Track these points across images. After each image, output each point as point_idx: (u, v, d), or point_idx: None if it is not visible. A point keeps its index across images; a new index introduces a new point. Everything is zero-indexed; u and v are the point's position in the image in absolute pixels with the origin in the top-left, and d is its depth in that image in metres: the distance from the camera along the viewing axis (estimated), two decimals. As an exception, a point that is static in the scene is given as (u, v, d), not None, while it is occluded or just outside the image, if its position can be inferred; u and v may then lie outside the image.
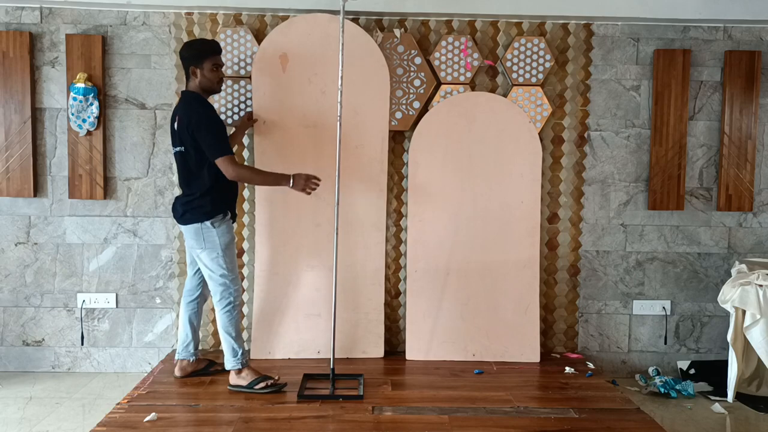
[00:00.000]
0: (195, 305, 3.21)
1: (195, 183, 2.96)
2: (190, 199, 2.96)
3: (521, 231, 3.52)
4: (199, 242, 2.97)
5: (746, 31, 3.63)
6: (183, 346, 3.19)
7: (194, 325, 3.20)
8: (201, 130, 2.87)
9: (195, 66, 2.95)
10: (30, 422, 2.97)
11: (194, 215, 2.95)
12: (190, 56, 2.96)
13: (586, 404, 2.91)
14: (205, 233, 2.95)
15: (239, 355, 3.01)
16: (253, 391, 2.97)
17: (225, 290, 3.00)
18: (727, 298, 3.25)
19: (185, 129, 2.89)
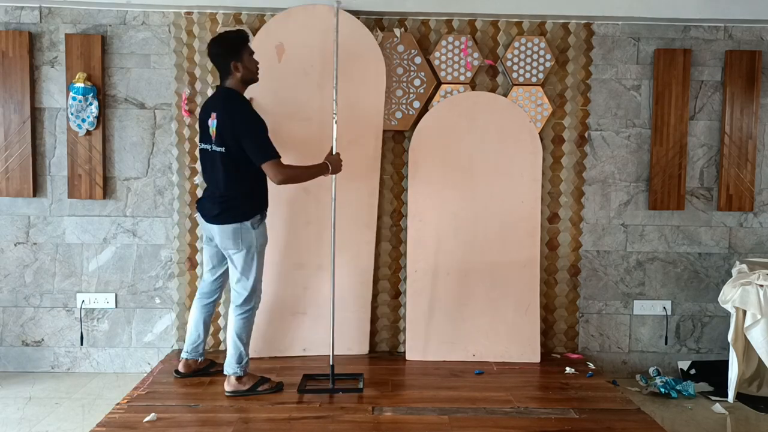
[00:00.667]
0: (212, 307, 3.18)
1: (236, 183, 2.86)
2: (228, 199, 2.86)
3: (521, 231, 3.51)
4: (236, 243, 2.87)
5: (747, 31, 3.62)
6: (193, 347, 3.16)
7: (207, 327, 3.18)
8: (247, 134, 2.80)
9: (236, 60, 2.85)
10: (29, 422, 2.97)
11: (233, 215, 2.85)
12: (227, 52, 2.86)
13: (586, 404, 2.91)
14: (244, 234, 2.87)
15: (244, 362, 2.96)
16: (255, 393, 2.95)
17: (250, 294, 2.94)
18: (728, 298, 3.24)
19: (229, 130, 2.80)
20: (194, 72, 3.52)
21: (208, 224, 2.93)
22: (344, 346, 3.49)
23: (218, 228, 2.87)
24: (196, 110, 3.51)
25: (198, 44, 3.51)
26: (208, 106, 2.93)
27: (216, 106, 2.86)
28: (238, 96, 2.88)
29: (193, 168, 3.55)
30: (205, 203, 2.95)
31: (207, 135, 2.89)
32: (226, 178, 2.85)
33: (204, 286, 3.17)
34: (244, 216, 2.87)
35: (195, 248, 3.58)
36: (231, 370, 2.95)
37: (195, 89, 3.52)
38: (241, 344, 2.95)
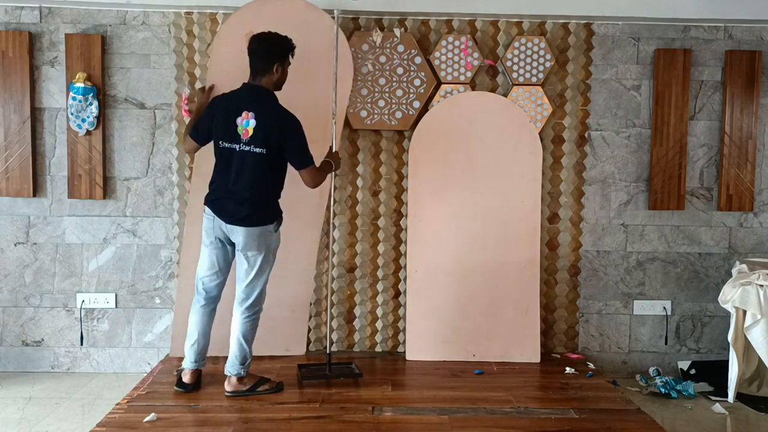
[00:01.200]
0: (215, 312, 3.04)
1: (268, 186, 2.86)
2: (259, 201, 2.83)
3: (521, 231, 3.51)
4: (259, 246, 2.84)
5: (747, 31, 3.62)
6: (200, 355, 3.00)
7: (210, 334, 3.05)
8: (294, 138, 2.81)
9: (281, 63, 2.84)
10: (29, 422, 2.97)
11: (263, 218, 2.84)
12: (278, 52, 2.84)
13: (586, 404, 2.91)
14: (267, 237, 2.86)
15: (247, 363, 2.95)
16: (255, 393, 2.95)
17: (259, 298, 2.93)
18: (728, 298, 3.24)
19: (275, 132, 2.77)
20: (194, 72, 3.52)
21: (229, 225, 2.84)
22: (281, 346, 3.48)
23: (244, 230, 2.81)
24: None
25: (198, 44, 3.51)
26: (236, 103, 2.83)
27: (251, 104, 2.80)
28: (275, 98, 2.86)
29: (192, 168, 3.54)
30: (226, 204, 2.84)
31: (233, 134, 2.80)
32: (260, 179, 2.81)
33: (209, 291, 2.98)
34: (271, 219, 2.87)
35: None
36: (234, 370, 2.93)
37: (195, 89, 3.51)
38: (247, 345, 2.93)
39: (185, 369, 3.00)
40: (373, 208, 3.63)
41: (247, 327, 2.93)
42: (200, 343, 2.99)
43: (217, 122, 2.86)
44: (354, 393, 3.00)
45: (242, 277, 2.92)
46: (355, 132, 3.60)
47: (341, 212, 3.61)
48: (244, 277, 2.91)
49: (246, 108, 2.80)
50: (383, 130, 3.59)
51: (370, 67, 3.53)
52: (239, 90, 2.89)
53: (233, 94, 2.90)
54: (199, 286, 2.98)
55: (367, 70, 3.53)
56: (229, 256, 2.98)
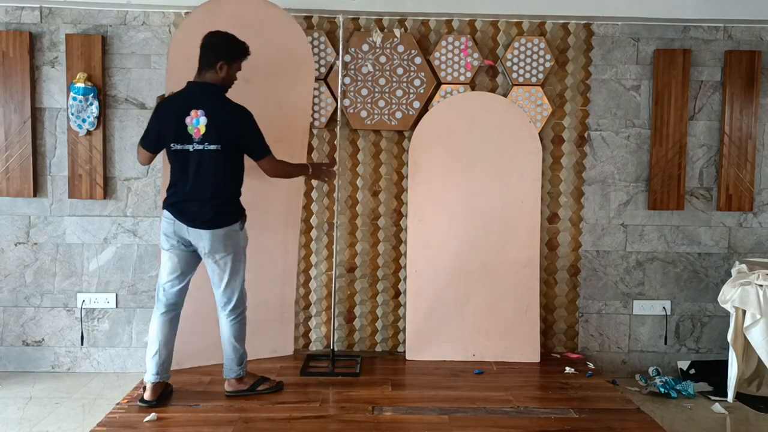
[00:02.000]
0: (178, 320, 2.92)
1: (230, 183, 2.80)
2: (222, 202, 2.76)
3: (521, 231, 3.51)
4: (227, 247, 2.77)
5: (746, 31, 3.63)
6: (162, 367, 2.84)
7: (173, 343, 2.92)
8: (248, 130, 2.76)
9: (227, 62, 2.76)
10: (30, 422, 2.97)
11: (228, 218, 2.77)
12: (228, 50, 2.77)
13: (586, 404, 2.91)
14: (233, 237, 2.79)
15: (245, 362, 2.94)
16: (255, 392, 2.95)
17: (240, 298, 2.88)
18: (728, 298, 3.25)
19: (227, 126, 2.71)
20: (194, 72, 3.52)
21: (192, 229, 2.73)
22: (268, 347, 3.45)
23: (209, 233, 2.73)
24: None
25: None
26: (183, 103, 2.74)
27: (199, 102, 2.72)
28: (222, 91, 2.79)
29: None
30: (187, 207, 2.74)
31: (184, 134, 2.71)
32: (220, 178, 2.75)
33: (170, 297, 2.85)
34: (235, 218, 2.80)
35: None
36: (233, 373, 2.92)
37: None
38: (240, 346, 2.91)
39: (147, 383, 2.84)
40: (373, 208, 3.64)
41: (237, 328, 2.89)
42: (162, 354, 2.84)
43: (165, 126, 2.75)
44: (354, 393, 3.01)
45: (217, 282, 2.84)
46: (355, 132, 3.60)
47: (341, 212, 3.61)
48: (218, 282, 2.84)
49: (194, 106, 2.71)
50: (383, 130, 3.59)
51: (370, 67, 3.53)
52: (184, 89, 2.80)
53: (178, 94, 2.81)
54: (160, 293, 2.86)
55: (367, 70, 3.53)
56: (192, 259, 2.85)
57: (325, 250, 3.62)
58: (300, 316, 3.66)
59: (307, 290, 3.65)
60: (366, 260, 3.65)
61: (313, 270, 3.65)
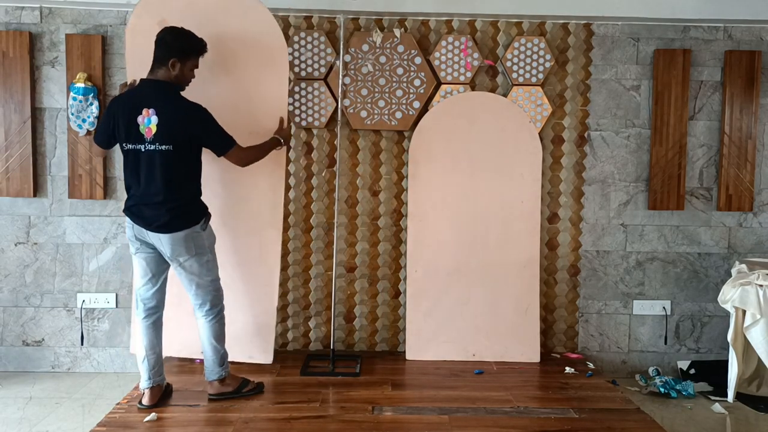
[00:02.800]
0: (161, 322, 2.88)
1: (184, 184, 2.70)
2: (177, 204, 2.67)
3: (521, 231, 3.51)
4: (188, 249, 2.69)
5: (746, 31, 3.63)
6: (155, 371, 2.82)
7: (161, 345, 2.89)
8: (203, 126, 2.67)
9: (179, 59, 2.67)
10: (30, 422, 2.97)
11: (184, 221, 2.68)
12: (181, 47, 2.68)
13: (586, 404, 2.91)
14: (195, 238, 2.71)
15: (226, 363, 2.89)
16: (241, 395, 2.90)
17: (215, 296, 2.83)
18: (728, 298, 3.25)
19: (179, 125, 2.63)
20: (194, 72, 3.52)
21: (153, 233, 2.67)
22: (244, 353, 3.29)
23: (168, 237, 2.66)
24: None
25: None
26: (134, 101, 2.67)
27: (150, 100, 2.64)
28: (175, 88, 2.70)
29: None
30: (143, 210, 2.67)
31: (136, 134, 2.64)
32: (173, 179, 2.65)
33: (147, 302, 2.81)
34: (195, 220, 2.72)
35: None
36: (215, 375, 2.87)
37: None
38: (221, 346, 2.86)
39: (142, 389, 2.84)
40: (373, 208, 3.64)
41: (216, 328, 2.84)
42: (150, 359, 2.81)
43: (118, 124, 2.68)
44: (354, 393, 3.01)
45: (187, 285, 2.80)
46: (355, 132, 3.60)
47: (341, 212, 3.61)
48: (189, 285, 2.79)
49: (145, 105, 2.63)
50: (383, 130, 3.59)
51: (370, 67, 3.53)
52: (137, 88, 2.74)
53: (130, 92, 2.75)
54: (138, 299, 2.83)
55: (367, 70, 3.53)
56: (161, 260, 2.79)
57: (325, 250, 3.62)
58: (300, 315, 3.66)
59: (307, 290, 3.65)
60: (366, 260, 3.65)
61: (313, 270, 3.65)
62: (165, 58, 2.68)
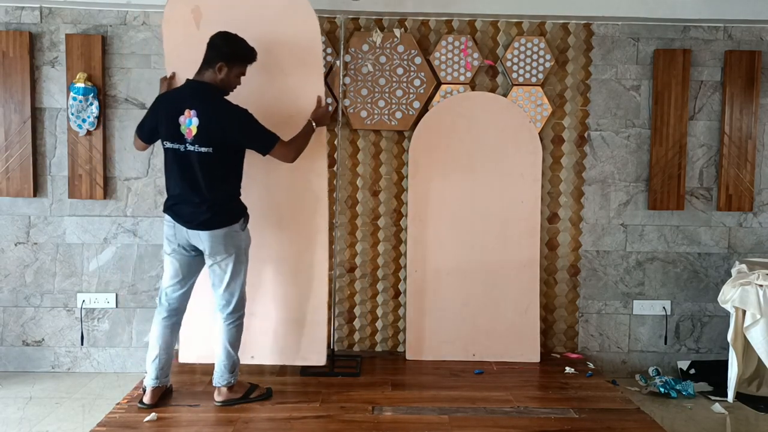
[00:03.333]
0: (179, 325, 2.90)
1: (223, 185, 2.73)
2: (217, 202, 2.70)
3: (521, 231, 3.51)
4: (227, 248, 2.72)
5: (746, 31, 3.63)
6: (162, 371, 2.84)
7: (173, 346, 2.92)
8: (244, 129, 2.68)
9: (226, 63, 2.68)
10: (30, 422, 2.97)
11: (224, 219, 2.71)
12: (229, 53, 2.69)
13: (586, 404, 2.91)
14: (234, 238, 2.74)
15: (236, 370, 2.87)
16: (248, 400, 2.87)
17: (239, 301, 2.82)
18: (728, 298, 3.25)
19: (220, 129, 2.64)
20: (194, 72, 3.52)
21: (191, 231, 2.70)
22: (297, 355, 3.26)
23: (207, 234, 2.69)
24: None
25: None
26: (178, 101, 2.69)
27: (193, 102, 2.66)
28: (219, 92, 2.72)
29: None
30: (183, 208, 2.71)
31: (177, 134, 2.66)
32: (212, 179, 2.68)
33: (172, 302, 2.83)
34: (234, 218, 2.74)
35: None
36: (224, 380, 2.84)
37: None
38: (234, 352, 2.84)
39: (147, 387, 2.83)
40: (373, 208, 3.64)
41: (233, 333, 2.83)
42: (162, 359, 2.82)
43: (161, 122, 2.72)
44: (354, 393, 3.01)
45: (217, 284, 2.79)
46: (355, 132, 3.60)
47: (341, 212, 3.61)
48: (218, 284, 2.78)
49: (188, 106, 2.64)
50: (383, 130, 3.59)
51: (370, 67, 3.53)
52: (182, 87, 2.77)
53: (175, 91, 2.79)
54: (162, 297, 2.84)
55: (367, 70, 3.53)
56: (194, 263, 2.82)
57: (325, 250, 3.62)
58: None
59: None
60: (366, 260, 3.65)
61: (313, 270, 3.64)
62: (213, 61, 2.69)
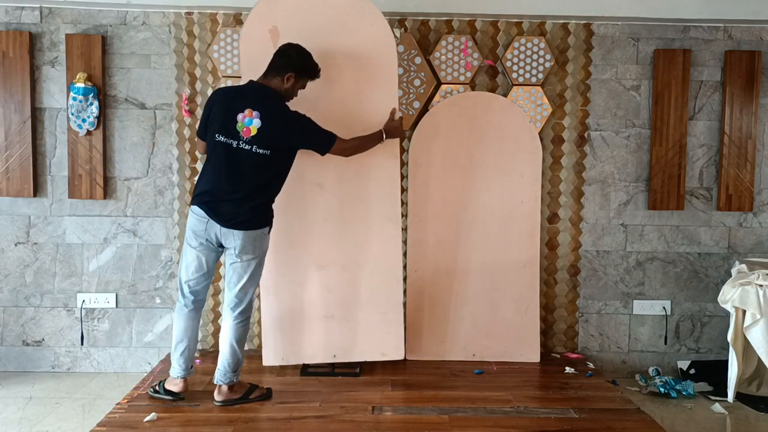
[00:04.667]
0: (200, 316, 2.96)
1: (270, 188, 2.79)
2: (259, 204, 2.74)
3: (521, 231, 3.51)
4: (255, 249, 2.77)
5: (746, 31, 3.63)
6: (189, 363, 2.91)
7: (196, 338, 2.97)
8: (309, 133, 2.78)
9: (296, 75, 2.78)
10: (30, 422, 2.97)
11: (261, 221, 2.77)
12: (300, 66, 2.80)
13: (586, 404, 2.91)
14: (262, 240, 2.80)
15: (239, 369, 2.87)
16: (248, 401, 2.86)
17: (250, 303, 2.86)
18: (728, 298, 3.25)
19: (282, 134, 2.71)
20: (194, 72, 3.53)
21: (226, 229, 2.71)
22: (377, 351, 3.31)
23: (242, 234, 2.71)
24: (196, 110, 3.52)
25: (198, 44, 3.51)
26: (239, 98, 2.73)
27: (256, 103, 2.70)
28: (282, 99, 2.80)
29: (193, 168, 3.55)
30: (222, 206, 2.70)
31: (232, 129, 2.68)
32: (260, 182, 2.72)
33: (197, 293, 2.87)
34: (267, 221, 2.82)
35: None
36: (226, 379, 2.83)
37: (195, 89, 3.52)
38: (240, 351, 2.84)
39: (176, 378, 2.88)
40: (373, 208, 3.63)
41: (240, 332, 2.83)
42: (191, 350, 2.89)
43: (215, 115, 2.74)
44: (354, 393, 3.01)
45: (234, 282, 2.80)
46: (356, 132, 3.60)
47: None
48: (236, 282, 2.80)
49: (250, 106, 2.68)
50: (383, 130, 3.59)
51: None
52: (245, 86, 2.82)
53: (237, 88, 2.83)
54: (185, 290, 2.85)
55: (367, 70, 3.53)
56: (217, 257, 2.86)
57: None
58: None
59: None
60: (366, 260, 3.65)
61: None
62: (283, 70, 2.77)
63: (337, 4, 3.14)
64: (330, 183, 3.22)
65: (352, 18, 3.15)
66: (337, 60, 3.13)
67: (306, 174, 3.18)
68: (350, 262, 3.26)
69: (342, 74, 3.16)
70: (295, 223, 3.24)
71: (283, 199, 3.00)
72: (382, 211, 3.27)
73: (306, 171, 3.16)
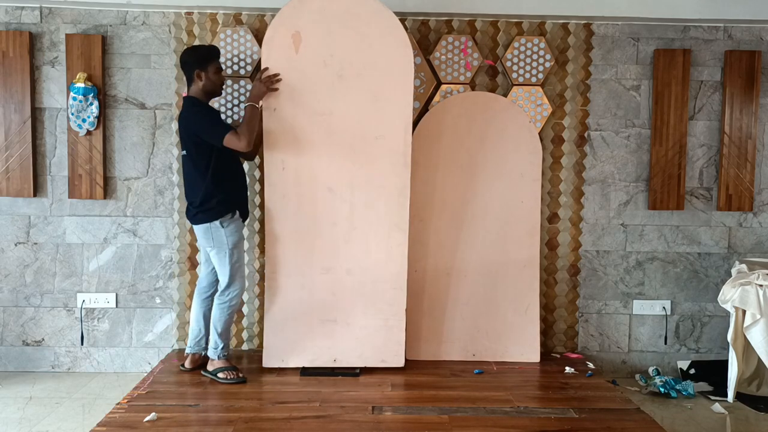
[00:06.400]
0: (209, 302, 3.26)
1: (199, 185, 3.04)
2: (199, 201, 3.04)
3: (521, 231, 3.51)
4: (208, 241, 3.09)
5: (746, 31, 3.63)
6: (195, 341, 3.27)
7: (207, 321, 3.25)
8: (200, 126, 2.99)
9: (200, 69, 3.03)
10: (30, 422, 2.97)
11: (205, 215, 3.05)
12: (194, 60, 3.04)
13: (586, 404, 2.91)
14: (214, 233, 3.06)
15: (219, 348, 3.14)
16: (212, 376, 3.13)
17: (227, 288, 3.12)
18: (728, 298, 3.25)
19: (185, 131, 3.03)
20: (194, 72, 3.53)
21: None
22: (377, 357, 3.31)
23: (195, 227, 3.13)
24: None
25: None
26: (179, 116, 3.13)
27: (180, 113, 3.09)
28: (196, 101, 3.04)
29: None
30: (188, 205, 3.15)
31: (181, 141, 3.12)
32: (192, 179, 3.07)
33: (201, 280, 3.31)
34: (213, 216, 3.04)
35: (195, 248, 3.58)
36: (210, 353, 3.18)
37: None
38: (216, 333, 3.14)
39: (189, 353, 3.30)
40: (373, 208, 3.64)
41: (216, 315, 3.15)
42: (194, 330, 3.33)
43: None
44: (354, 393, 3.01)
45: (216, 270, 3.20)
46: (356, 132, 3.60)
47: (341, 212, 3.61)
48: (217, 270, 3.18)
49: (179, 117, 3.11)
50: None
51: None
52: None
53: None
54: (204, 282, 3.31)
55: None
56: None
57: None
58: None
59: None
60: (366, 260, 3.65)
61: (313, 270, 3.65)
62: (191, 73, 3.05)
63: (359, 13, 3.18)
64: (341, 188, 3.25)
65: (372, 28, 3.20)
66: (354, 68, 3.20)
67: (318, 178, 3.23)
68: (355, 267, 3.29)
69: (359, 82, 3.21)
70: (304, 225, 3.27)
71: (293, 201, 3.20)
72: (390, 219, 3.29)
73: (318, 175, 3.23)
